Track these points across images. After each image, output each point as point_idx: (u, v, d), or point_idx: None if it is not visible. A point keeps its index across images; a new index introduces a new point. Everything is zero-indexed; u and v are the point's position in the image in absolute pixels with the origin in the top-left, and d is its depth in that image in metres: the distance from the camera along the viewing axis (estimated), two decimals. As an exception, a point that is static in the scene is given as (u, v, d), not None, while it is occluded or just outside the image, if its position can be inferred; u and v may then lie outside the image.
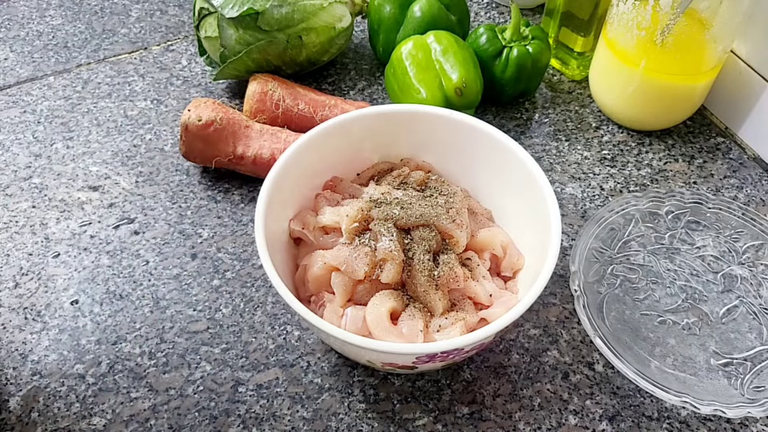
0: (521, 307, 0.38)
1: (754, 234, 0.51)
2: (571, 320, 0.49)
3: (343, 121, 0.48)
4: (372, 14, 0.65)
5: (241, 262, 0.52)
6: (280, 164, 0.44)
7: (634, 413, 0.44)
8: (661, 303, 0.48)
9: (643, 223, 0.52)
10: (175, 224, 0.55)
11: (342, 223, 0.44)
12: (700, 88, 0.59)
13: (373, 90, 0.67)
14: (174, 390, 0.45)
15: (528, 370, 0.46)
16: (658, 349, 0.45)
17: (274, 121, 0.59)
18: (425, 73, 0.57)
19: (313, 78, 0.68)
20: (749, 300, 0.48)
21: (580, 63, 0.66)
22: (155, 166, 0.60)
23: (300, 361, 0.46)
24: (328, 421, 0.43)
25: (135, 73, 0.69)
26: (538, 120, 0.64)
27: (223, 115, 0.55)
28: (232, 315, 0.49)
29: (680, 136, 0.63)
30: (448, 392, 0.45)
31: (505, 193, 0.48)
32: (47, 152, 0.61)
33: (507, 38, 0.61)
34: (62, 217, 0.56)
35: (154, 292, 0.50)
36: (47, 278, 0.51)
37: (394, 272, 0.42)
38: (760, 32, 0.57)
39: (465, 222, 0.45)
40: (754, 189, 0.58)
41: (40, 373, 0.46)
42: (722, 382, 0.44)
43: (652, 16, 0.53)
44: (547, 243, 0.41)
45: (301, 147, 0.46)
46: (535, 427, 0.43)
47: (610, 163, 0.60)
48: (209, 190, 0.57)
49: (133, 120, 0.64)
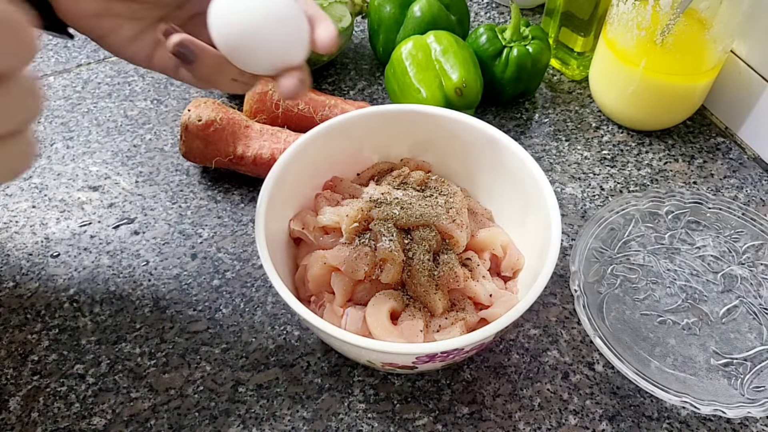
0: (521, 307, 0.37)
1: (754, 234, 0.51)
2: (571, 320, 0.49)
3: (343, 121, 0.48)
4: (372, 14, 0.65)
5: (241, 262, 0.52)
6: (280, 164, 0.44)
7: (634, 413, 0.44)
8: (661, 303, 0.48)
9: (643, 223, 0.52)
10: (175, 224, 0.55)
11: (342, 223, 0.44)
12: (700, 88, 0.59)
13: (373, 90, 0.67)
14: (174, 390, 0.45)
15: (528, 370, 0.46)
16: (658, 349, 0.45)
17: (274, 121, 0.59)
18: (425, 73, 0.57)
19: (313, 78, 0.68)
20: (749, 300, 0.48)
21: (580, 63, 0.66)
22: (155, 166, 0.60)
23: (300, 361, 0.46)
24: (328, 421, 0.43)
25: (135, 73, 0.69)
26: (538, 120, 0.64)
27: (223, 115, 0.55)
28: (232, 315, 0.49)
29: (680, 136, 0.63)
30: (448, 392, 0.45)
31: (505, 193, 0.48)
32: (47, 152, 0.61)
33: (507, 38, 0.61)
34: (62, 217, 0.56)
35: (154, 292, 0.50)
36: (47, 278, 0.51)
37: (394, 272, 0.42)
38: (760, 32, 0.57)
39: (465, 222, 0.45)
40: (754, 189, 0.58)
41: (40, 373, 0.46)
42: (722, 382, 0.44)
43: (652, 16, 0.53)
44: (547, 243, 0.41)
45: (301, 147, 0.46)
46: (535, 427, 0.43)
47: (610, 163, 0.60)
48: (209, 190, 0.57)
49: (133, 120, 0.64)
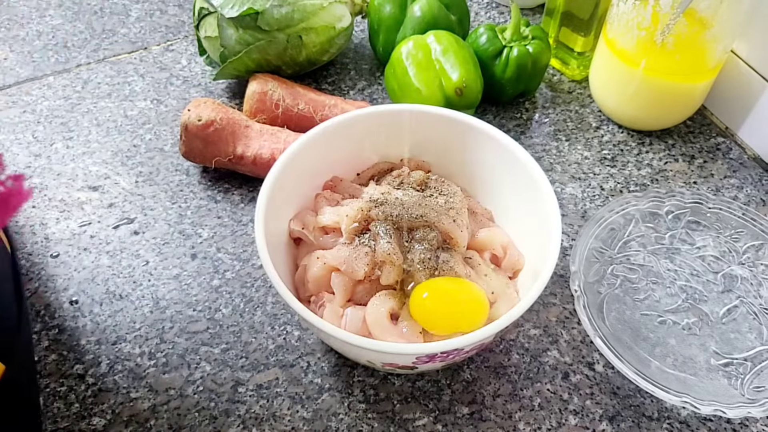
0: (521, 307, 0.37)
1: (754, 234, 0.51)
2: (571, 320, 0.49)
3: (343, 121, 0.48)
4: (372, 14, 0.65)
5: (241, 262, 0.52)
6: (280, 164, 0.44)
7: (634, 413, 0.44)
8: (661, 303, 0.48)
9: (643, 223, 0.52)
10: (175, 224, 0.55)
11: (342, 223, 0.44)
12: (700, 88, 0.59)
13: (373, 90, 0.67)
14: (174, 390, 0.45)
15: (528, 370, 0.46)
16: (658, 349, 0.45)
17: (274, 121, 0.59)
18: (425, 72, 0.57)
19: (313, 78, 0.68)
20: (749, 300, 0.48)
21: (580, 63, 0.66)
22: (155, 166, 0.60)
23: (300, 361, 0.46)
24: (328, 421, 0.43)
25: (135, 73, 0.69)
26: (538, 120, 0.64)
27: (223, 115, 0.55)
28: (232, 315, 0.49)
29: (680, 136, 0.63)
30: (448, 392, 0.45)
31: (505, 193, 0.48)
32: (47, 152, 0.61)
33: (507, 38, 0.61)
34: (62, 217, 0.56)
35: (154, 292, 0.50)
36: (47, 278, 0.51)
37: (394, 275, 0.42)
38: (760, 32, 0.57)
39: (465, 222, 0.45)
40: (754, 189, 0.58)
41: (40, 373, 0.46)
42: (722, 382, 0.44)
43: (652, 16, 0.53)
44: (547, 243, 0.41)
45: (301, 147, 0.46)
46: (535, 427, 0.43)
47: (610, 163, 0.60)
48: (209, 190, 0.57)
49: (133, 120, 0.64)
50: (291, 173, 0.45)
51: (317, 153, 0.48)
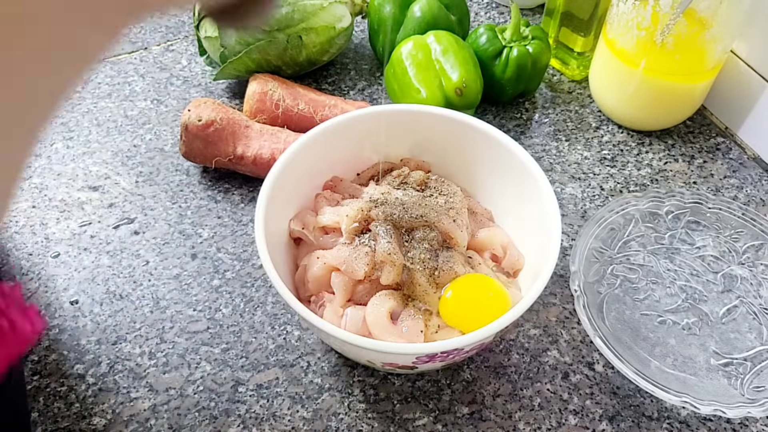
0: (521, 307, 0.38)
1: (754, 234, 0.51)
2: (571, 320, 0.49)
3: (343, 121, 0.48)
4: (372, 14, 0.65)
5: (241, 262, 0.52)
6: (280, 164, 0.44)
7: (634, 413, 0.44)
8: (661, 303, 0.48)
9: (643, 223, 0.52)
10: (175, 224, 0.55)
11: (342, 223, 0.44)
12: (700, 88, 0.59)
13: (373, 90, 0.67)
14: (174, 390, 0.45)
15: (528, 370, 0.46)
16: (658, 349, 0.45)
17: (274, 121, 0.59)
18: (425, 73, 0.57)
19: (313, 78, 0.68)
20: (749, 300, 0.48)
21: (580, 63, 0.66)
22: (155, 166, 0.60)
23: (300, 361, 0.46)
24: (328, 421, 0.43)
25: (135, 73, 0.69)
26: (538, 120, 0.64)
27: (223, 115, 0.55)
28: (232, 315, 0.49)
29: (680, 136, 0.63)
30: (448, 392, 0.45)
31: (505, 193, 0.48)
32: (47, 152, 0.61)
33: (507, 38, 0.61)
34: (62, 217, 0.56)
35: (154, 292, 0.50)
36: (47, 278, 0.51)
37: (394, 275, 0.42)
38: (760, 32, 0.57)
39: (465, 222, 0.45)
40: (754, 189, 0.58)
41: (40, 373, 0.46)
42: (722, 382, 0.44)
43: (652, 16, 0.53)
44: (547, 243, 0.41)
45: (301, 147, 0.46)
46: (535, 427, 0.43)
47: (610, 163, 0.60)
48: (209, 190, 0.57)
49: (133, 120, 0.64)
50: (291, 173, 0.45)
51: (317, 153, 0.48)
